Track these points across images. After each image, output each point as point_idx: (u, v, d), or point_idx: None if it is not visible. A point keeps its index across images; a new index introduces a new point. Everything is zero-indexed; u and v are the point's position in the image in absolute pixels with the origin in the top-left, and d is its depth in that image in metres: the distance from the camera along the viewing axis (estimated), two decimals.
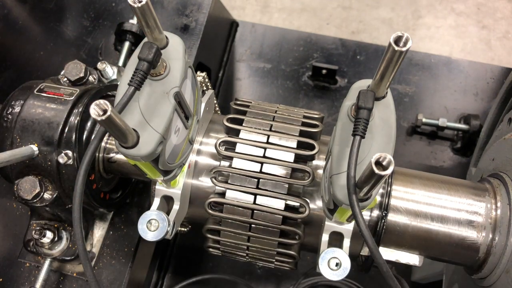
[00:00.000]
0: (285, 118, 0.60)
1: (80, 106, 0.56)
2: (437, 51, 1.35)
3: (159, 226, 0.52)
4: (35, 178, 0.55)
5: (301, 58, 1.15)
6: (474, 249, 0.57)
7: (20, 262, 0.67)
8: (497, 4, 1.43)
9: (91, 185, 0.59)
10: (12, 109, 0.55)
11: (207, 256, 0.98)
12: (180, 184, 0.57)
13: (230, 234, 0.59)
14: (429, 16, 1.43)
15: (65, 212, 0.59)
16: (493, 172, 0.65)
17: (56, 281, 0.66)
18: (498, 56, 1.36)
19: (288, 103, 1.11)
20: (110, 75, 0.71)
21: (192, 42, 0.82)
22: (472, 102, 1.07)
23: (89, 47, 0.84)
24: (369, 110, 0.39)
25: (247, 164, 0.56)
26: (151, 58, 0.41)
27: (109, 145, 0.61)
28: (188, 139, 0.56)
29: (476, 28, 1.40)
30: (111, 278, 0.67)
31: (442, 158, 1.03)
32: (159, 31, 0.43)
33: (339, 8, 1.46)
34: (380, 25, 1.43)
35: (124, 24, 0.78)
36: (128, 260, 0.67)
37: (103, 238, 0.68)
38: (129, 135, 0.40)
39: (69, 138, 0.55)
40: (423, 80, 1.09)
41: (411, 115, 1.06)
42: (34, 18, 0.87)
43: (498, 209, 0.57)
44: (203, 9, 0.85)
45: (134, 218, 0.70)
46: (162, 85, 0.45)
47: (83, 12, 0.87)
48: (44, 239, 0.59)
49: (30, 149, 0.53)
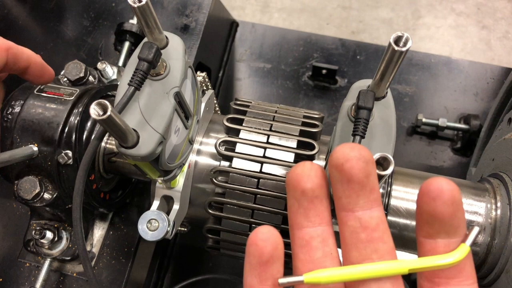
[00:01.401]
0: (285, 118, 0.60)
1: (80, 106, 0.56)
2: (437, 51, 1.35)
3: (159, 226, 0.52)
4: (35, 178, 0.55)
5: (301, 58, 1.15)
6: (474, 250, 0.57)
7: (20, 262, 0.67)
8: (497, 4, 1.43)
9: (91, 185, 0.59)
10: (12, 109, 0.55)
11: (207, 256, 0.98)
12: (180, 184, 0.57)
13: (230, 234, 0.59)
14: (429, 16, 1.43)
15: (65, 212, 0.59)
16: (493, 172, 0.65)
17: (56, 281, 0.66)
18: (498, 56, 1.36)
19: (288, 103, 1.11)
20: (110, 75, 0.71)
21: (192, 42, 0.82)
22: (472, 102, 1.07)
23: (89, 47, 0.84)
24: (369, 110, 0.39)
25: (247, 164, 0.56)
26: (151, 58, 0.41)
27: (109, 145, 0.61)
28: (188, 139, 0.56)
29: (476, 28, 1.40)
30: (111, 278, 0.66)
31: (442, 158, 1.03)
32: (159, 31, 0.43)
33: (339, 8, 1.46)
34: (380, 25, 1.43)
35: (124, 24, 0.78)
36: (128, 260, 0.67)
37: (103, 238, 0.68)
38: (129, 135, 0.40)
39: (69, 138, 0.54)
40: (423, 80, 1.09)
41: (411, 115, 1.06)
42: (34, 18, 0.87)
43: (498, 209, 0.57)
44: (203, 9, 0.85)
45: (134, 218, 0.70)
46: (162, 85, 0.45)
47: (83, 12, 0.87)
48: (44, 239, 0.59)
49: (30, 149, 0.53)
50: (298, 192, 0.29)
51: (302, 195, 0.29)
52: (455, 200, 0.27)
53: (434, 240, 0.28)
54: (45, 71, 0.49)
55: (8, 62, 0.44)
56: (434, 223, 0.27)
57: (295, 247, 0.30)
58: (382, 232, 0.29)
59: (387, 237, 0.29)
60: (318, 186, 0.29)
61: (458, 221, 0.27)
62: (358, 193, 0.28)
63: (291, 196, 0.30)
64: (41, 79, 0.49)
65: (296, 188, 0.29)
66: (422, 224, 0.28)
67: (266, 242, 0.29)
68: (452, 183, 0.27)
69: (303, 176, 0.29)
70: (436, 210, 0.27)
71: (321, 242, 0.29)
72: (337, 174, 0.28)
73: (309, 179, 0.29)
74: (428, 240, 0.28)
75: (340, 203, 0.29)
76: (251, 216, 0.56)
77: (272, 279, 0.29)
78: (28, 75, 0.48)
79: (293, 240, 0.30)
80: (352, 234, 0.29)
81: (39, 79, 0.49)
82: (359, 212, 0.28)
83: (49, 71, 0.50)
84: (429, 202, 0.27)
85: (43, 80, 0.49)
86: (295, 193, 0.29)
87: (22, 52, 0.46)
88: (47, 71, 0.49)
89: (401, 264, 0.27)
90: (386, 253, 0.28)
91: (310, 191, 0.29)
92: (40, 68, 0.48)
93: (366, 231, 0.28)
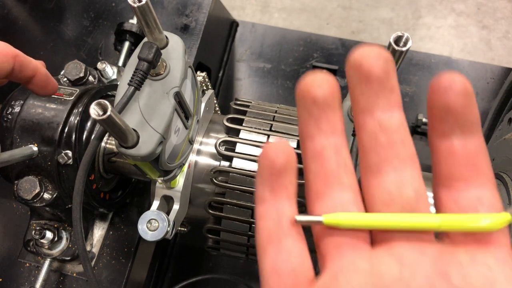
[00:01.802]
0: (285, 118, 0.60)
1: (80, 106, 0.56)
2: (437, 51, 1.35)
3: (159, 226, 0.52)
4: (35, 178, 0.55)
5: (301, 58, 1.15)
6: None
7: (20, 262, 0.67)
8: (497, 4, 1.43)
9: (91, 185, 0.59)
10: (12, 109, 0.55)
11: (207, 256, 0.98)
12: (180, 184, 0.57)
13: (230, 234, 0.59)
14: (429, 16, 1.43)
15: (65, 212, 0.59)
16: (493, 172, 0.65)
17: (56, 281, 0.66)
18: (498, 56, 1.36)
19: (288, 103, 1.11)
20: (110, 75, 0.71)
21: (192, 42, 0.82)
22: None
23: (89, 47, 0.84)
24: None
25: (247, 164, 0.56)
26: (151, 58, 0.41)
27: (109, 145, 0.61)
28: (188, 139, 0.56)
29: (476, 28, 1.40)
30: (111, 278, 0.66)
31: None
32: (159, 31, 0.43)
33: (339, 8, 1.46)
34: (380, 25, 1.43)
35: (124, 24, 0.78)
36: (128, 260, 0.67)
37: (103, 238, 0.68)
38: (129, 135, 0.40)
39: (69, 138, 0.54)
40: (423, 80, 1.09)
41: (411, 115, 1.06)
42: (34, 18, 0.87)
43: None
44: (203, 9, 0.85)
45: (134, 218, 0.70)
46: (162, 85, 0.45)
47: (83, 12, 0.87)
48: (44, 239, 0.59)
49: (30, 149, 0.53)
50: (308, 101, 0.27)
51: (313, 104, 0.27)
52: (468, 91, 0.25)
53: (449, 139, 0.26)
54: (49, 83, 0.49)
55: (14, 70, 0.45)
56: (448, 117, 0.25)
57: (306, 160, 0.28)
58: (403, 136, 0.26)
59: (408, 141, 0.27)
60: (330, 95, 0.27)
61: (472, 116, 0.25)
62: (377, 93, 0.26)
63: (301, 107, 0.27)
64: (44, 90, 0.50)
65: (306, 97, 0.27)
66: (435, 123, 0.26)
67: (278, 153, 0.27)
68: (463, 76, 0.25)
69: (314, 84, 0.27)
70: (449, 101, 0.25)
71: (335, 152, 0.27)
72: (355, 74, 0.26)
73: (320, 87, 0.26)
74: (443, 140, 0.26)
75: (358, 106, 0.27)
76: (251, 216, 0.56)
77: (285, 191, 0.27)
78: (32, 85, 0.48)
79: (304, 153, 0.28)
80: (371, 137, 0.26)
81: (42, 89, 0.49)
82: (378, 113, 0.26)
83: (53, 83, 0.50)
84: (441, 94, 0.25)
85: (46, 91, 0.50)
86: (305, 103, 0.27)
87: (29, 61, 0.46)
88: (51, 82, 0.50)
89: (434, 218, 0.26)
90: (408, 157, 0.27)
91: (322, 99, 0.27)
92: (45, 79, 0.49)
93: (386, 133, 0.26)
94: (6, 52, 0.44)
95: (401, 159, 0.27)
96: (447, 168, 0.27)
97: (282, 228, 0.28)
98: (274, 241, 0.28)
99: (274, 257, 0.27)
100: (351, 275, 0.26)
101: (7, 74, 0.44)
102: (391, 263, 0.26)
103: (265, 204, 0.28)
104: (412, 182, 0.27)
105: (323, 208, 0.28)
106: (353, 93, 0.27)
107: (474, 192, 0.26)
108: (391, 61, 0.26)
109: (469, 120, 0.26)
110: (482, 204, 0.26)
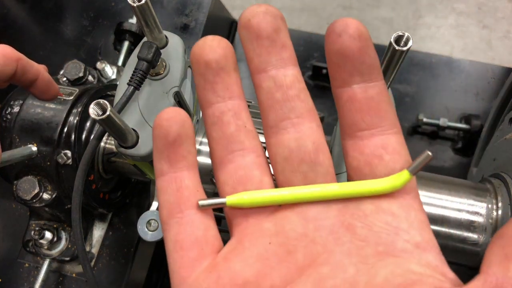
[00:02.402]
0: None
1: (79, 106, 0.56)
2: (438, 50, 1.35)
3: (158, 227, 0.52)
4: (34, 178, 0.55)
5: (301, 58, 1.15)
6: (475, 250, 0.57)
7: (19, 262, 0.67)
8: (497, 4, 1.42)
9: (91, 185, 0.59)
10: (11, 109, 0.55)
11: None
12: None
13: None
14: (429, 16, 1.43)
15: (64, 213, 0.59)
16: (494, 172, 0.65)
17: (55, 281, 0.66)
18: (499, 56, 1.36)
19: None
20: (110, 75, 0.71)
21: (192, 41, 0.82)
22: (473, 102, 1.06)
23: (89, 47, 0.84)
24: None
25: None
26: (151, 58, 0.41)
27: (109, 145, 0.61)
28: None
29: (476, 27, 1.40)
30: (111, 278, 0.66)
31: (443, 158, 1.02)
32: (158, 31, 0.42)
33: (339, 8, 1.45)
34: (381, 24, 1.42)
35: (123, 23, 0.78)
36: (128, 260, 0.67)
37: (102, 239, 0.68)
38: (128, 135, 0.40)
39: (68, 138, 0.54)
40: (424, 80, 1.09)
41: (412, 115, 1.06)
42: (33, 18, 0.87)
43: (499, 209, 0.57)
44: (203, 9, 0.85)
45: (134, 219, 0.70)
46: (162, 85, 0.45)
47: (83, 12, 0.87)
48: (43, 239, 0.59)
49: (29, 149, 0.53)
50: (201, 66, 0.27)
51: (206, 68, 0.27)
52: (362, 34, 0.25)
53: (350, 87, 0.26)
54: (50, 87, 0.49)
55: (17, 73, 0.44)
56: (345, 63, 0.25)
57: (207, 127, 0.28)
58: (298, 91, 0.27)
59: (304, 95, 0.27)
60: (223, 57, 0.27)
61: (370, 60, 0.25)
62: (269, 50, 0.26)
63: (196, 73, 0.27)
64: (46, 94, 0.49)
65: (199, 62, 0.27)
66: (335, 72, 0.26)
67: (170, 121, 0.26)
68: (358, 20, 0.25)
69: (205, 47, 0.27)
70: (344, 45, 0.24)
71: (233, 116, 0.27)
72: (246, 33, 0.26)
73: (211, 50, 0.26)
74: (344, 88, 0.26)
75: (253, 66, 0.27)
76: None
77: (183, 161, 0.27)
78: (34, 89, 0.48)
79: (205, 120, 0.28)
80: (268, 96, 0.26)
81: (43, 94, 0.49)
82: (272, 71, 0.26)
83: (55, 88, 0.50)
84: (336, 39, 0.25)
85: (47, 95, 0.50)
86: (199, 68, 0.27)
87: (31, 65, 0.46)
88: (52, 87, 0.50)
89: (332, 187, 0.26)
90: (305, 111, 0.27)
91: (214, 62, 0.26)
92: (47, 83, 0.49)
93: (281, 89, 0.26)
94: (9, 55, 0.44)
95: (298, 114, 0.27)
96: (350, 117, 0.26)
97: (183, 200, 0.28)
98: (175, 214, 0.27)
99: (177, 230, 0.27)
100: (256, 237, 0.26)
101: (10, 77, 0.44)
102: (296, 220, 0.26)
103: (164, 177, 0.28)
104: (310, 134, 0.27)
105: (227, 175, 0.28)
106: (247, 54, 0.27)
107: (378, 139, 0.26)
108: (280, 18, 0.27)
109: (367, 64, 0.25)
110: (387, 151, 0.26)
